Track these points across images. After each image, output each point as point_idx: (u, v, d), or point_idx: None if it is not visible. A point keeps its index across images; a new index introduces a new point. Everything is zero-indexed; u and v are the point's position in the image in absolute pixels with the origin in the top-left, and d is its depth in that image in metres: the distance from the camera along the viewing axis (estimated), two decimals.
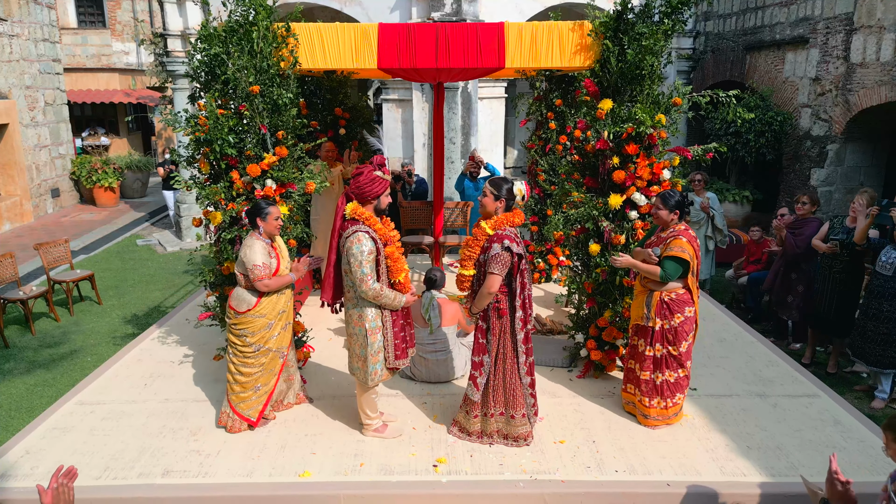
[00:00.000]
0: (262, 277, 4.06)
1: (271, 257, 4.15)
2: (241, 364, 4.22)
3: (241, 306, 4.15)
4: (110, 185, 14.46)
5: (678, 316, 4.16)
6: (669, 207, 4.12)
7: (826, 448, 4.08)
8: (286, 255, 4.33)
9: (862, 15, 8.32)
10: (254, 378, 4.23)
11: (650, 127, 4.39)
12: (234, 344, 4.22)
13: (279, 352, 4.32)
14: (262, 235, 4.15)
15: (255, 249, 4.07)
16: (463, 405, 4.20)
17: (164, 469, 3.90)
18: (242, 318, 4.15)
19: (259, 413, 4.28)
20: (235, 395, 4.25)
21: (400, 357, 4.03)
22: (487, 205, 3.89)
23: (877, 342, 5.08)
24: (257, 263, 4.04)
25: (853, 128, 8.80)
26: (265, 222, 4.12)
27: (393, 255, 3.90)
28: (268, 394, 4.30)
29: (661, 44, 4.42)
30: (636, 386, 4.35)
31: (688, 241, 4.07)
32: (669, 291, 4.16)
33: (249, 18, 4.46)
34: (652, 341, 4.22)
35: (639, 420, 4.36)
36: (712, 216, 7.32)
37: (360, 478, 3.81)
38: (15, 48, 12.71)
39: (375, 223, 3.83)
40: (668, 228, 4.19)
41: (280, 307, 4.26)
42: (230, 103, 4.56)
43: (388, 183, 3.90)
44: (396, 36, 4.71)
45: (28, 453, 4.09)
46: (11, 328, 7.27)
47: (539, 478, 3.79)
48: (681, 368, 4.24)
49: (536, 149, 7.02)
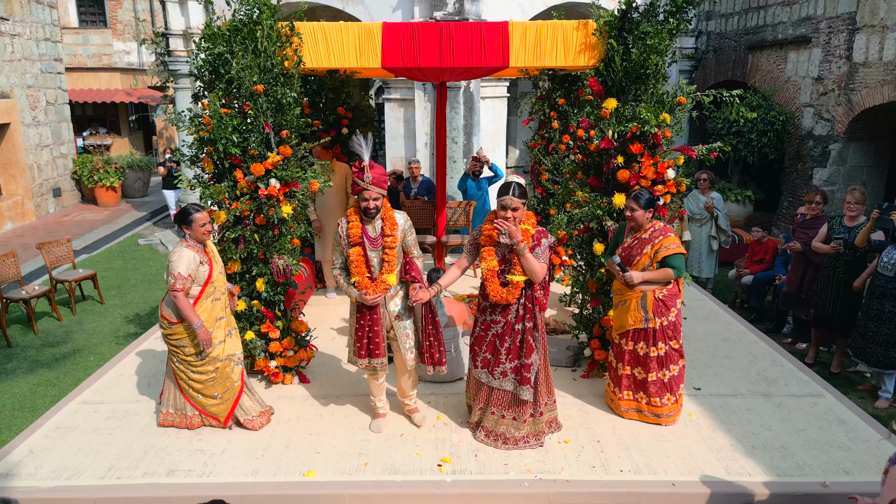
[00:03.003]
0: (177, 288, 3.89)
1: (202, 264, 4.01)
2: (188, 370, 4.11)
3: (173, 316, 4.00)
4: (112, 185, 14.46)
5: (673, 310, 4.19)
6: (643, 206, 4.15)
7: (831, 448, 4.08)
8: (220, 260, 4.23)
9: (864, 14, 8.31)
10: (208, 385, 4.13)
11: (654, 126, 4.39)
12: (175, 352, 4.10)
13: (231, 360, 4.18)
14: (192, 242, 4.03)
15: (183, 258, 3.93)
16: (506, 415, 4.04)
17: (168, 468, 3.89)
18: (176, 329, 4.02)
19: (226, 416, 4.21)
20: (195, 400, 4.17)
21: (356, 354, 4.08)
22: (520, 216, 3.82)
23: (878, 343, 5.07)
24: (176, 273, 3.89)
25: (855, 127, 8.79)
26: (191, 229, 3.99)
27: (351, 256, 3.96)
28: (231, 401, 4.20)
29: (665, 43, 4.41)
30: (643, 391, 4.30)
31: (674, 235, 4.16)
32: (661, 288, 4.16)
33: (253, 17, 4.46)
34: (655, 341, 4.21)
35: (650, 422, 4.32)
36: (716, 216, 7.32)
37: (365, 477, 3.81)
38: (17, 48, 12.71)
39: (353, 221, 3.98)
40: (641, 228, 4.22)
41: (217, 314, 4.11)
42: (234, 102, 4.56)
43: (359, 188, 3.89)
44: (400, 35, 4.70)
45: (32, 453, 4.08)
46: (14, 327, 7.27)
47: (544, 477, 3.78)
48: (681, 359, 4.28)
49: (539, 148, 7.02)
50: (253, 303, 4.79)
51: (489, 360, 4.02)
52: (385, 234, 3.97)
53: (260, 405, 4.38)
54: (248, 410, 4.28)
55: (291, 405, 4.63)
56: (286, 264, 4.72)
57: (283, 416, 4.48)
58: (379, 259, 4.00)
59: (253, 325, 4.84)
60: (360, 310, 4.01)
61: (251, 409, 4.30)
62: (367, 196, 3.89)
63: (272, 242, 4.70)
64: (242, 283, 4.78)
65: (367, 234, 3.99)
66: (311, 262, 6.86)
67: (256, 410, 4.33)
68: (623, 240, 4.34)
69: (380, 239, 3.99)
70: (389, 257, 3.97)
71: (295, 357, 4.92)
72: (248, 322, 4.84)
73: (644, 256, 4.17)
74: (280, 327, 4.84)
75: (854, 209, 5.47)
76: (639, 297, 4.18)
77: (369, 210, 3.93)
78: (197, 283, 4.00)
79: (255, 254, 4.69)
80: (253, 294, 4.80)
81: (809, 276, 6.02)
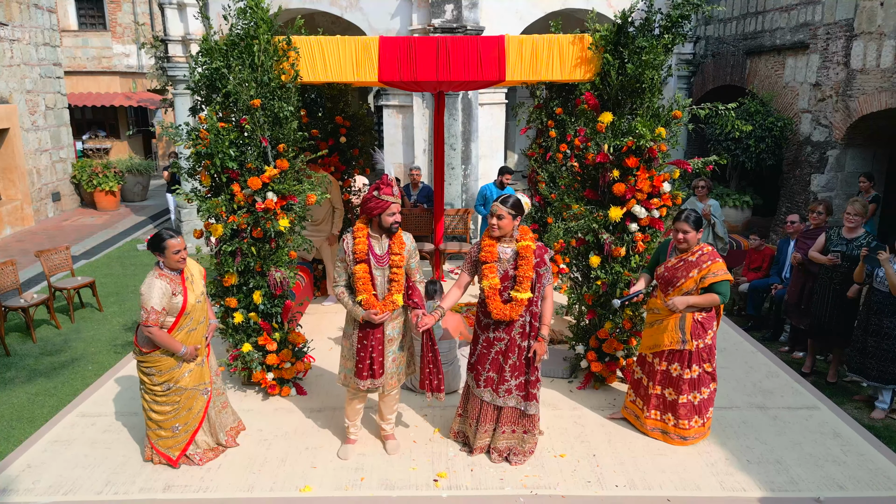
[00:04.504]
0: (150, 323, 3.71)
1: (175, 295, 3.80)
2: (153, 402, 3.96)
3: (146, 345, 3.85)
4: (111, 189, 14.46)
5: (710, 332, 4.15)
6: (694, 227, 4.07)
7: (826, 462, 4.09)
8: (199, 286, 4.00)
9: (862, 21, 8.31)
10: (168, 417, 3.97)
11: (650, 140, 4.40)
12: (143, 382, 3.94)
13: (198, 389, 4.03)
14: (166, 270, 3.83)
15: (154, 290, 3.73)
16: (516, 429, 4.06)
17: (165, 483, 3.91)
18: (148, 357, 3.86)
19: (181, 451, 4.03)
20: (153, 432, 4.01)
21: (357, 376, 3.98)
22: (506, 226, 3.80)
23: (878, 358, 5.06)
24: (149, 307, 3.71)
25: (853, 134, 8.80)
26: (164, 257, 3.79)
27: (357, 273, 3.87)
28: (190, 433, 4.03)
29: (661, 58, 4.42)
30: (671, 412, 4.26)
31: (721, 261, 4.08)
32: (701, 312, 4.12)
33: (250, 32, 4.47)
34: (689, 363, 4.16)
35: (674, 444, 4.29)
36: (713, 224, 7.33)
37: (361, 492, 3.82)
38: (16, 52, 12.72)
39: (359, 237, 3.88)
40: (689, 250, 4.14)
41: (192, 343, 3.94)
42: (231, 116, 4.57)
43: (387, 204, 3.80)
44: (397, 49, 4.71)
45: (30, 467, 4.10)
46: (12, 335, 7.28)
47: (539, 493, 3.80)
48: (713, 382, 4.24)
49: (537, 157, 7.03)
50: (250, 315, 4.80)
51: (493, 378, 3.97)
52: (393, 253, 3.89)
53: (214, 439, 4.20)
54: (199, 444, 4.12)
55: (288, 418, 4.65)
56: (283, 277, 4.74)
57: (281, 430, 4.49)
58: (384, 277, 3.92)
59: (250, 337, 4.86)
60: (363, 328, 3.92)
61: (202, 443, 4.14)
62: (394, 210, 3.82)
63: (269, 255, 4.71)
64: (240, 295, 4.80)
65: (374, 251, 3.89)
66: (308, 271, 6.88)
67: (209, 444, 4.17)
68: (666, 259, 4.26)
69: (386, 257, 3.89)
70: (398, 276, 3.89)
71: (292, 369, 4.93)
72: (246, 334, 4.85)
73: (689, 280, 4.07)
74: (277, 339, 4.86)
75: (853, 221, 5.46)
76: (677, 318, 4.12)
77: (394, 226, 3.85)
78: (170, 314, 3.81)
79: (253, 266, 4.70)
80: (250, 306, 4.81)
81: (810, 287, 6.02)
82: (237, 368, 4.96)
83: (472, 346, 4.09)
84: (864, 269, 5.17)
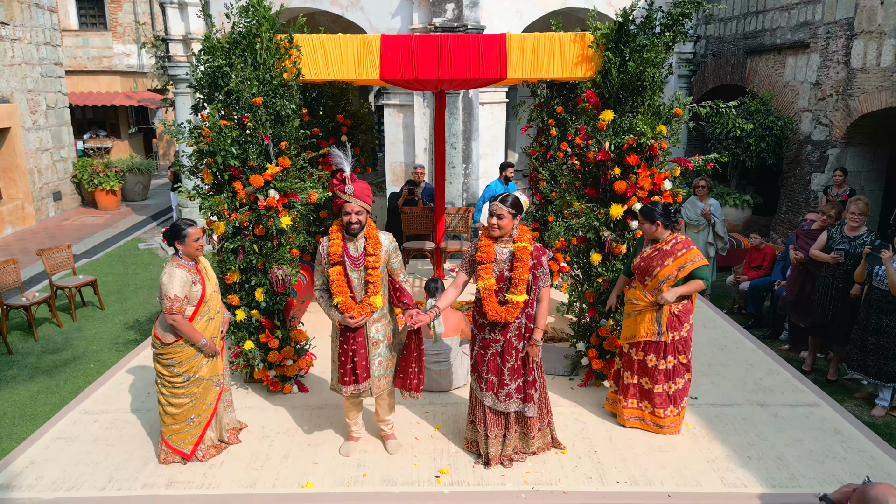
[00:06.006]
0: (175, 311, 3.79)
1: (195, 283, 3.89)
2: (170, 395, 3.99)
3: (167, 336, 3.90)
4: (112, 189, 14.48)
5: (685, 325, 4.23)
6: (652, 221, 4.19)
7: (826, 458, 4.10)
8: (213, 277, 4.11)
9: (862, 20, 8.33)
10: (185, 409, 4.00)
11: (651, 138, 4.42)
12: (162, 375, 3.97)
13: (212, 380, 4.08)
14: (183, 260, 3.91)
15: (175, 279, 3.80)
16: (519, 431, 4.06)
17: (167, 480, 3.92)
18: (169, 349, 3.90)
19: (194, 445, 4.06)
20: (167, 427, 4.03)
21: (339, 381, 3.96)
22: (506, 225, 3.76)
23: (878, 355, 5.08)
24: (172, 295, 3.78)
25: (853, 133, 8.81)
26: (184, 245, 3.86)
27: (331, 276, 3.81)
28: (203, 425, 4.06)
29: (661, 56, 4.44)
30: (647, 400, 4.36)
31: (696, 248, 4.19)
32: (677, 304, 4.19)
33: (252, 30, 4.49)
34: (665, 354, 4.25)
35: (651, 431, 4.37)
36: (713, 223, 7.34)
37: (363, 489, 3.83)
38: (17, 52, 12.73)
39: (334, 238, 3.83)
40: (660, 240, 4.24)
41: (210, 333, 4.01)
42: (233, 114, 4.58)
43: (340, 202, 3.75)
44: (399, 47, 4.73)
45: (32, 463, 4.11)
46: (14, 334, 7.29)
47: (541, 489, 3.81)
48: (687, 373, 4.33)
49: (537, 155, 7.04)
50: (252, 312, 4.82)
51: (493, 382, 3.93)
52: (367, 254, 3.79)
53: (218, 435, 4.23)
54: (204, 440, 4.14)
55: (290, 415, 4.66)
56: (285, 274, 4.75)
57: (283, 427, 4.50)
58: (361, 280, 3.83)
59: (252, 334, 4.87)
60: (343, 333, 3.88)
61: (207, 439, 4.16)
62: (350, 210, 3.73)
63: (271, 253, 4.73)
64: (242, 292, 4.81)
65: (349, 252, 3.82)
66: (310, 270, 6.89)
67: (213, 441, 4.19)
68: (641, 250, 4.36)
69: (362, 258, 3.80)
70: (373, 278, 3.81)
71: (294, 366, 4.94)
72: (248, 332, 4.87)
73: (665, 268, 4.14)
74: (279, 337, 4.87)
75: (857, 220, 5.46)
76: (654, 311, 4.20)
77: (352, 226, 3.75)
78: (190, 303, 3.89)
79: (255, 264, 4.72)
80: (252, 304, 4.83)
81: (810, 286, 6.03)
82: (239, 366, 4.98)
83: (471, 346, 4.10)
84: (866, 267, 5.18)
